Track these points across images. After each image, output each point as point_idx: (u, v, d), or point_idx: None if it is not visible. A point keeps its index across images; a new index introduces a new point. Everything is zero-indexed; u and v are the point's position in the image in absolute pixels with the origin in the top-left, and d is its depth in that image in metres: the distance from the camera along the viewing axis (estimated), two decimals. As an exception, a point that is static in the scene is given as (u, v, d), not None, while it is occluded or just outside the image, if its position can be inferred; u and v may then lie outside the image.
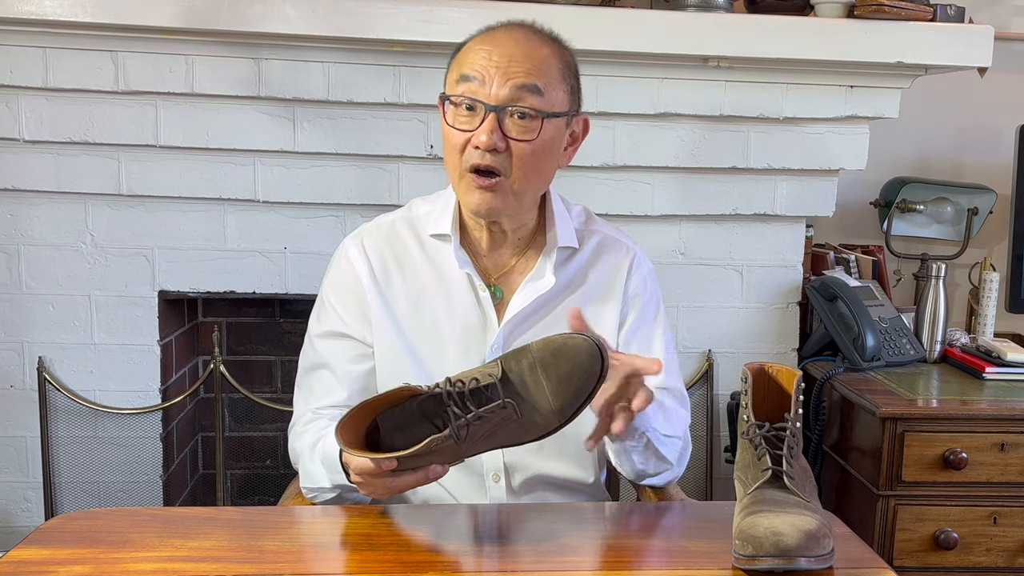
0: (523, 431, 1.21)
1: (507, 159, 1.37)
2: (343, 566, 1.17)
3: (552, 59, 1.40)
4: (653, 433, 1.43)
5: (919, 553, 1.99)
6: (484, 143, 1.35)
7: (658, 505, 1.46)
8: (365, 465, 1.20)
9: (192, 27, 1.98)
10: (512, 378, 1.19)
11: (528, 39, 1.40)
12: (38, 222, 2.15)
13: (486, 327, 1.49)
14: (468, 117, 1.38)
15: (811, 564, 1.09)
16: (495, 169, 1.37)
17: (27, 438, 2.21)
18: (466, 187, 1.40)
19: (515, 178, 1.39)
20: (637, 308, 1.54)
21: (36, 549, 1.17)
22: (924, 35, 2.12)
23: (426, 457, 1.19)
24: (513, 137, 1.37)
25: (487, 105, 1.36)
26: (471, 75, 1.37)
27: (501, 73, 1.35)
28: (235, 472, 2.57)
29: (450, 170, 1.43)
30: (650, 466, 1.47)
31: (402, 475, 1.20)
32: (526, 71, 1.36)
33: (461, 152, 1.39)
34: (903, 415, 1.95)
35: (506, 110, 1.36)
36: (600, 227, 1.58)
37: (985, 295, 2.41)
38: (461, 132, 1.38)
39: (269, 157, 2.15)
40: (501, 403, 1.18)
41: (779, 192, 2.29)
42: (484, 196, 1.39)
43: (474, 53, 1.38)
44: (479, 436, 1.19)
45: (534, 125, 1.37)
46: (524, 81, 1.36)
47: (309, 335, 1.54)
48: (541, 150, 1.39)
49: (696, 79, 2.17)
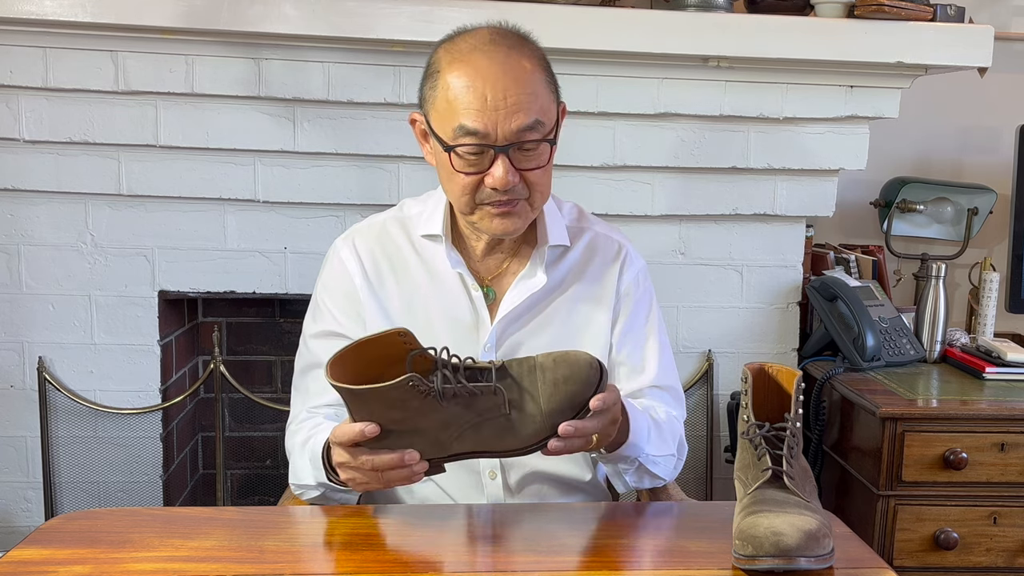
0: (510, 432, 1.20)
1: (522, 186, 1.38)
2: (343, 566, 1.17)
3: (536, 73, 1.37)
4: (645, 458, 1.44)
5: (919, 553, 1.99)
6: (502, 184, 1.35)
7: (658, 505, 1.46)
8: (348, 430, 1.19)
9: (192, 27, 1.98)
10: (511, 373, 1.19)
11: (508, 57, 1.35)
12: (38, 222, 2.15)
13: (479, 326, 1.49)
14: (475, 159, 1.36)
15: (811, 564, 1.09)
16: (514, 198, 1.38)
17: (27, 438, 2.21)
18: (484, 217, 1.40)
19: (534, 199, 1.41)
20: (630, 306, 1.54)
21: (36, 549, 1.17)
22: (924, 35, 2.12)
23: (407, 436, 1.18)
24: (525, 168, 1.37)
25: (496, 148, 1.34)
26: (473, 129, 1.33)
27: (502, 115, 1.33)
28: (235, 472, 2.57)
29: (459, 205, 1.41)
30: (643, 483, 1.50)
31: (381, 453, 1.19)
32: (525, 107, 1.33)
33: (473, 191, 1.38)
34: (903, 415, 1.95)
35: (514, 145, 1.35)
36: (592, 224, 1.58)
37: (985, 295, 2.41)
38: (471, 175, 1.37)
39: (269, 157, 2.15)
40: (492, 387, 1.18)
41: (779, 192, 2.29)
42: (506, 222, 1.40)
43: (465, 95, 1.33)
44: (464, 423, 1.18)
45: (542, 150, 1.38)
46: (525, 121, 1.34)
47: (304, 336, 1.55)
48: (549, 167, 1.41)
49: (696, 79, 2.17)
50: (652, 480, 1.49)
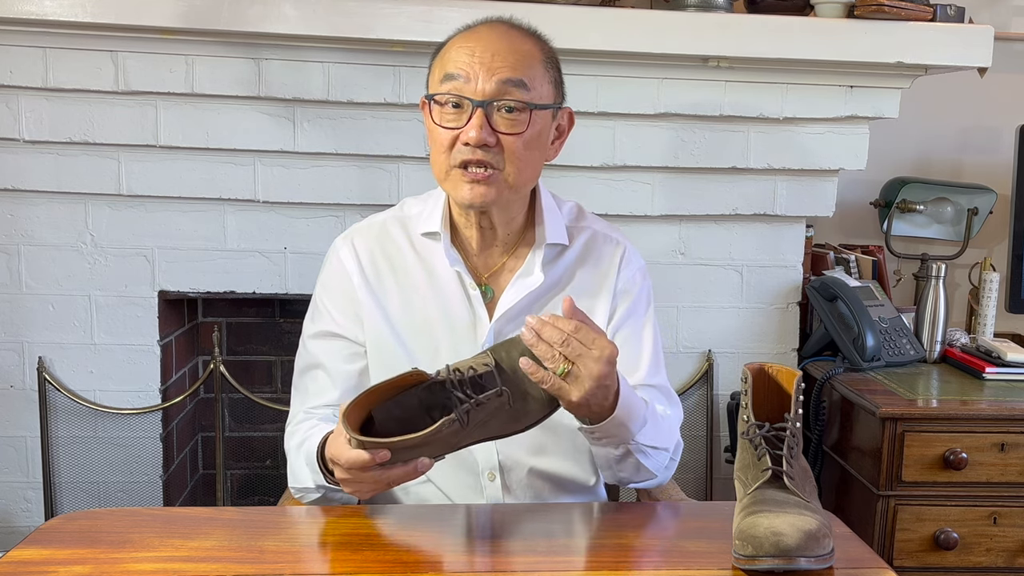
0: (514, 420, 1.23)
1: (499, 154, 1.37)
2: (343, 566, 1.17)
3: (535, 52, 1.41)
4: (635, 446, 1.39)
5: (919, 553, 1.99)
6: (474, 139, 1.35)
7: (658, 505, 1.46)
8: (358, 458, 1.18)
9: (192, 27, 1.98)
10: (505, 366, 1.20)
11: (509, 33, 1.41)
12: (38, 222, 2.15)
13: (476, 324, 1.49)
14: (455, 115, 1.37)
15: (811, 564, 1.09)
16: (487, 163, 1.37)
17: (27, 438, 2.21)
18: (455, 182, 1.40)
19: (508, 172, 1.39)
20: (627, 304, 1.54)
21: (36, 549, 1.17)
22: (924, 35, 2.12)
23: (420, 449, 1.19)
24: (502, 131, 1.37)
25: (474, 101, 1.35)
26: (455, 73, 1.37)
27: (486, 68, 1.36)
28: (235, 472, 2.57)
29: (437, 169, 1.42)
30: (636, 475, 1.45)
31: (393, 468, 1.19)
32: (511, 65, 1.36)
33: (449, 149, 1.38)
34: (903, 415, 1.95)
35: (493, 105, 1.36)
36: (591, 223, 1.58)
37: (985, 295, 2.41)
38: (448, 130, 1.38)
39: (269, 157, 2.15)
40: (498, 390, 1.19)
41: (779, 192, 2.29)
42: (476, 189, 1.38)
43: (456, 51, 1.39)
44: (474, 425, 1.20)
45: (522, 118, 1.38)
46: (510, 75, 1.36)
47: (303, 336, 1.55)
48: (531, 143, 1.39)
49: (696, 79, 2.17)
50: (642, 473, 1.44)
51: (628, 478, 1.45)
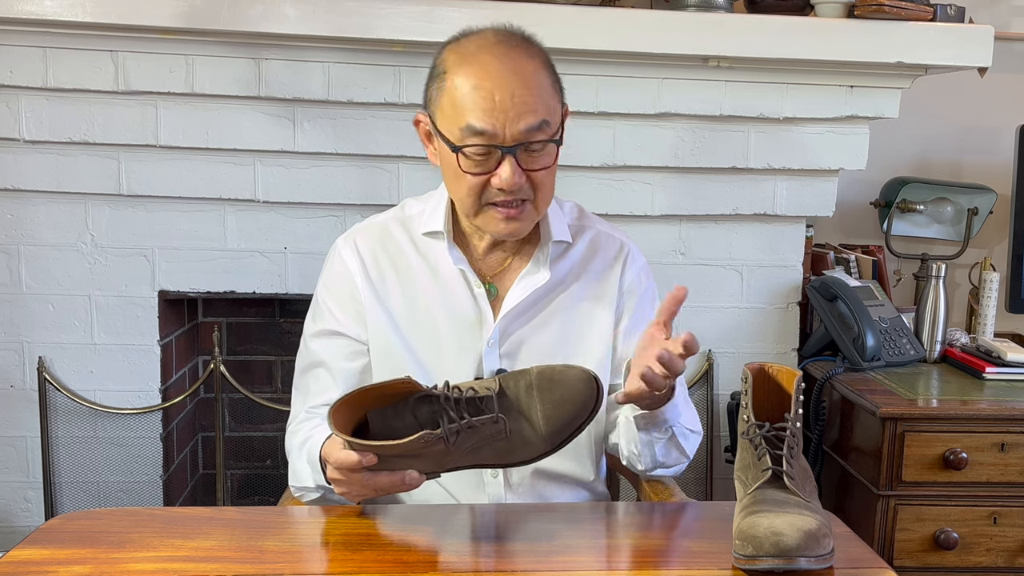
0: (509, 452, 1.22)
1: (528, 187, 1.39)
2: (343, 566, 1.17)
3: (540, 71, 1.39)
4: (679, 428, 1.44)
5: (919, 553, 1.99)
6: (510, 184, 1.36)
7: (658, 505, 1.46)
8: (346, 459, 1.19)
9: (192, 27, 1.98)
10: (509, 395, 1.20)
11: (512, 57, 1.37)
12: (38, 222, 2.15)
13: (482, 323, 1.49)
14: (482, 160, 1.37)
15: (811, 564, 1.09)
16: (520, 199, 1.40)
17: (27, 438, 2.21)
18: (488, 219, 1.42)
19: (538, 200, 1.42)
20: (634, 303, 1.55)
21: (36, 549, 1.17)
22: (924, 35, 2.12)
23: (407, 460, 1.19)
24: (531, 168, 1.38)
25: (503, 148, 1.35)
26: (481, 128, 1.34)
27: (509, 117, 1.34)
28: (235, 472, 2.57)
29: (465, 206, 1.42)
30: (670, 458, 1.48)
31: (380, 473, 1.20)
32: (531, 107, 1.35)
33: (479, 191, 1.39)
34: (903, 415, 1.95)
35: (520, 146, 1.36)
36: (593, 223, 1.59)
37: (985, 295, 2.41)
38: (478, 176, 1.38)
39: (269, 157, 2.15)
40: (494, 417, 1.18)
41: (779, 192, 2.29)
42: (512, 224, 1.41)
43: (472, 95, 1.35)
44: (465, 448, 1.19)
45: (548, 151, 1.40)
46: (532, 121, 1.35)
47: (305, 335, 1.55)
48: (554, 168, 1.42)
49: (696, 79, 2.17)
50: (678, 456, 1.48)
51: (666, 462, 1.48)
